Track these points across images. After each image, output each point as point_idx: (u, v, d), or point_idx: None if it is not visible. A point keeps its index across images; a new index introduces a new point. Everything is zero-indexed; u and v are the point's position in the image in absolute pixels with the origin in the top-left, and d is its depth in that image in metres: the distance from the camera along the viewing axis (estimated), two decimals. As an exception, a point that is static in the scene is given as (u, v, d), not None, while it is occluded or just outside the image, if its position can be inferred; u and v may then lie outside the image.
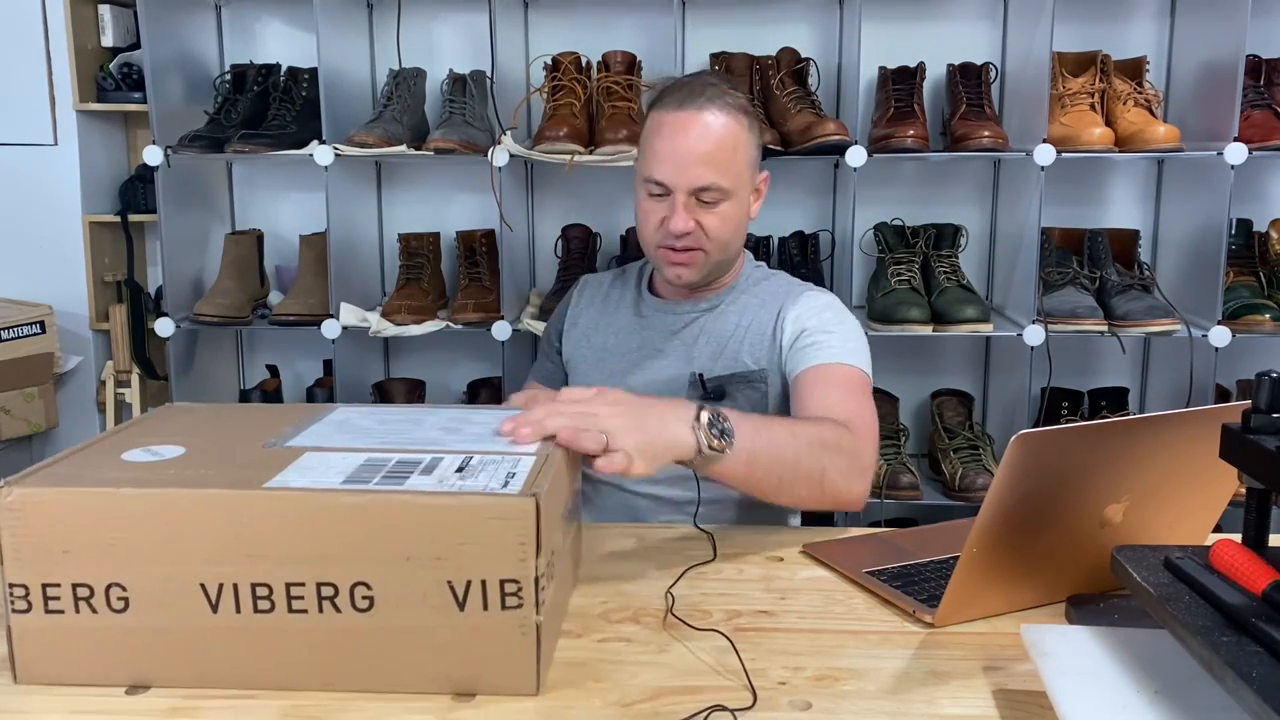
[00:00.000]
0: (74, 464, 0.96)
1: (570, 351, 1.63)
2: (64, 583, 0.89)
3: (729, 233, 1.48)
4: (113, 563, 0.88)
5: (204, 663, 0.90)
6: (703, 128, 1.43)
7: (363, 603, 0.88)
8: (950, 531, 1.30)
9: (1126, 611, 1.02)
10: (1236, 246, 2.42)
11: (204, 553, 0.88)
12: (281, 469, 0.94)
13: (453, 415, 1.15)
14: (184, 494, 0.89)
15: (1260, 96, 2.35)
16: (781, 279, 1.62)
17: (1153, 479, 1.03)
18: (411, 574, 0.88)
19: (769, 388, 1.50)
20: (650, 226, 1.49)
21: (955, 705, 0.89)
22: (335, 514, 0.88)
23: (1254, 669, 0.71)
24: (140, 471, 0.93)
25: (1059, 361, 2.44)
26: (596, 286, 1.69)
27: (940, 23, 2.59)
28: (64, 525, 0.88)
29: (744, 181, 1.49)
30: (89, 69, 2.63)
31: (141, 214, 2.67)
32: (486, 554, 0.87)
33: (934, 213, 2.60)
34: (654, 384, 1.53)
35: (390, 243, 2.70)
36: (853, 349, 1.47)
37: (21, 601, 0.89)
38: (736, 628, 1.03)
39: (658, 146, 1.46)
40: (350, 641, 0.89)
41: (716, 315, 1.55)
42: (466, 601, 0.88)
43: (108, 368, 2.69)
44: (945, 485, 2.43)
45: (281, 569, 0.88)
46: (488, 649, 0.89)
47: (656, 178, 1.45)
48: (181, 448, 1.00)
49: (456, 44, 2.66)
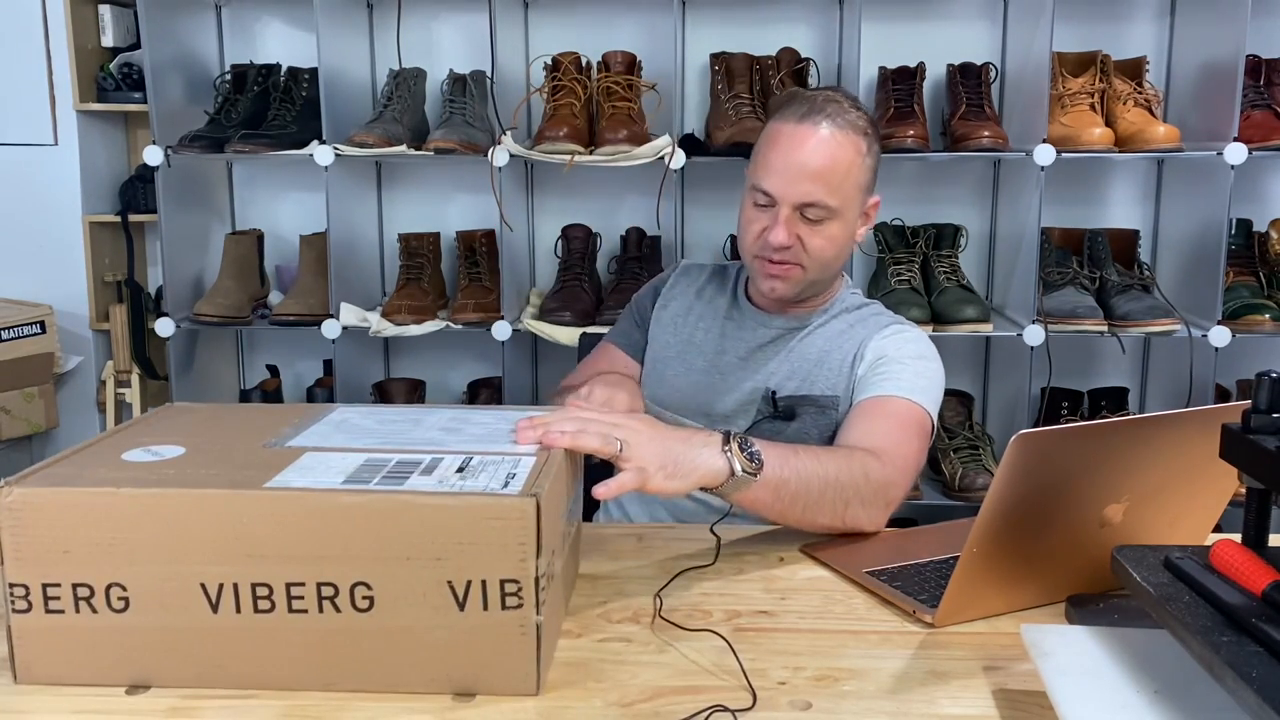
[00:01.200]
0: (74, 464, 0.96)
1: (656, 332, 1.61)
2: (64, 582, 0.88)
3: (830, 254, 1.46)
4: (113, 562, 0.88)
5: (204, 662, 0.90)
6: (817, 143, 1.41)
7: (363, 602, 0.88)
8: (950, 531, 1.30)
9: (1126, 611, 1.02)
10: (1236, 246, 2.43)
11: (204, 552, 0.88)
12: (282, 469, 0.94)
13: (452, 415, 1.15)
14: (184, 494, 0.89)
15: (1260, 96, 2.35)
16: (875, 309, 1.59)
17: (1153, 479, 1.03)
18: (412, 574, 0.88)
19: (839, 415, 1.47)
20: (750, 235, 1.47)
21: (955, 705, 0.89)
22: (336, 514, 0.87)
23: (1254, 669, 0.71)
24: (140, 471, 0.93)
25: (1059, 361, 2.45)
26: (697, 275, 1.65)
27: (940, 23, 2.59)
28: (64, 525, 0.88)
29: (852, 203, 1.46)
30: (89, 69, 2.63)
31: (142, 214, 2.67)
32: (487, 554, 0.87)
33: (934, 213, 2.60)
34: (730, 392, 1.51)
35: (390, 243, 2.70)
36: (923, 386, 1.44)
37: (22, 601, 0.89)
38: (736, 628, 1.03)
39: (770, 156, 1.44)
40: (350, 641, 0.89)
41: (805, 336, 1.53)
42: (466, 601, 0.88)
43: (108, 368, 2.69)
44: (945, 485, 2.43)
45: (282, 569, 0.88)
46: (488, 649, 0.89)
47: (764, 187, 1.43)
48: (181, 448, 1.00)
49: (456, 44, 2.66)
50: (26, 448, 2.63)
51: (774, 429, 1.47)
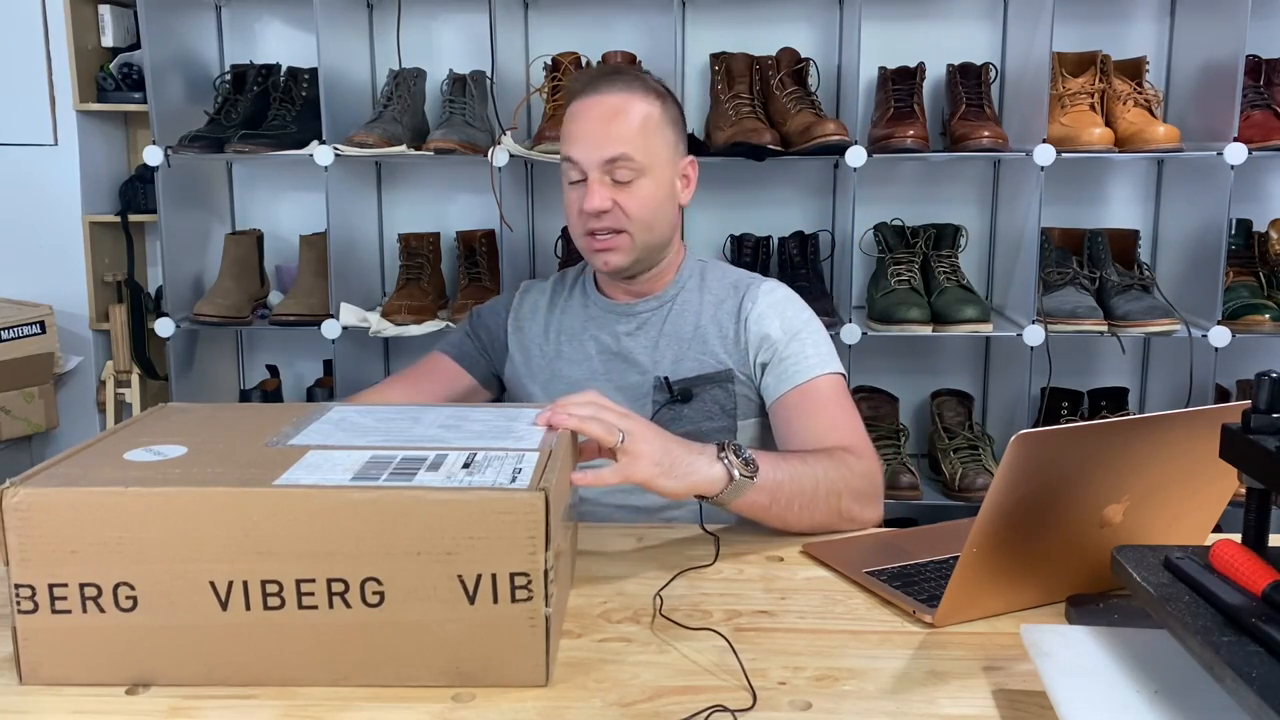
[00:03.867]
0: (77, 464, 0.96)
1: (519, 358, 1.59)
2: (71, 582, 0.88)
3: (649, 212, 1.46)
4: (121, 562, 0.88)
5: (212, 660, 0.90)
6: (610, 104, 1.45)
7: (373, 598, 0.89)
8: (950, 531, 1.30)
9: (1126, 611, 1.02)
10: (1236, 246, 2.43)
11: (213, 550, 0.88)
12: (288, 467, 0.94)
13: (450, 413, 1.16)
14: (194, 492, 0.89)
15: (1260, 96, 2.35)
16: (727, 269, 1.61)
17: (1153, 479, 1.03)
18: (422, 569, 0.89)
19: (736, 386, 1.49)
20: (573, 215, 1.48)
21: (955, 705, 0.89)
22: (347, 510, 0.88)
23: (1254, 669, 0.71)
24: (146, 471, 0.93)
25: (1059, 361, 2.45)
26: (539, 292, 1.65)
27: (940, 23, 2.59)
28: (71, 525, 0.88)
29: (660, 160, 1.47)
30: (89, 69, 2.63)
31: (141, 214, 2.67)
32: (497, 548, 0.88)
33: (934, 213, 2.60)
34: (619, 389, 1.50)
35: (390, 243, 2.70)
36: (825, 352, 1.48)
37: (28, 602, 0.89)
38: (737, 628, 1.03)
39: (571, 129, 1.47)
40: (360, 636, 0.90)
41: (671, 314, 1.53)
42: (477, 595, 0.89)
43: (108, 368, 2.69)
44: (945, 485, 2.43)
45: (292, 565, 0.88)
46: (498, 641, 0.90)
47: (570, 155, 1.46)
48: (183, 447, 1.00)
49: (456, 44, 2.66)
50: (26, 448, 2.63)
51: (674, 414, 1.49)
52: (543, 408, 1.12)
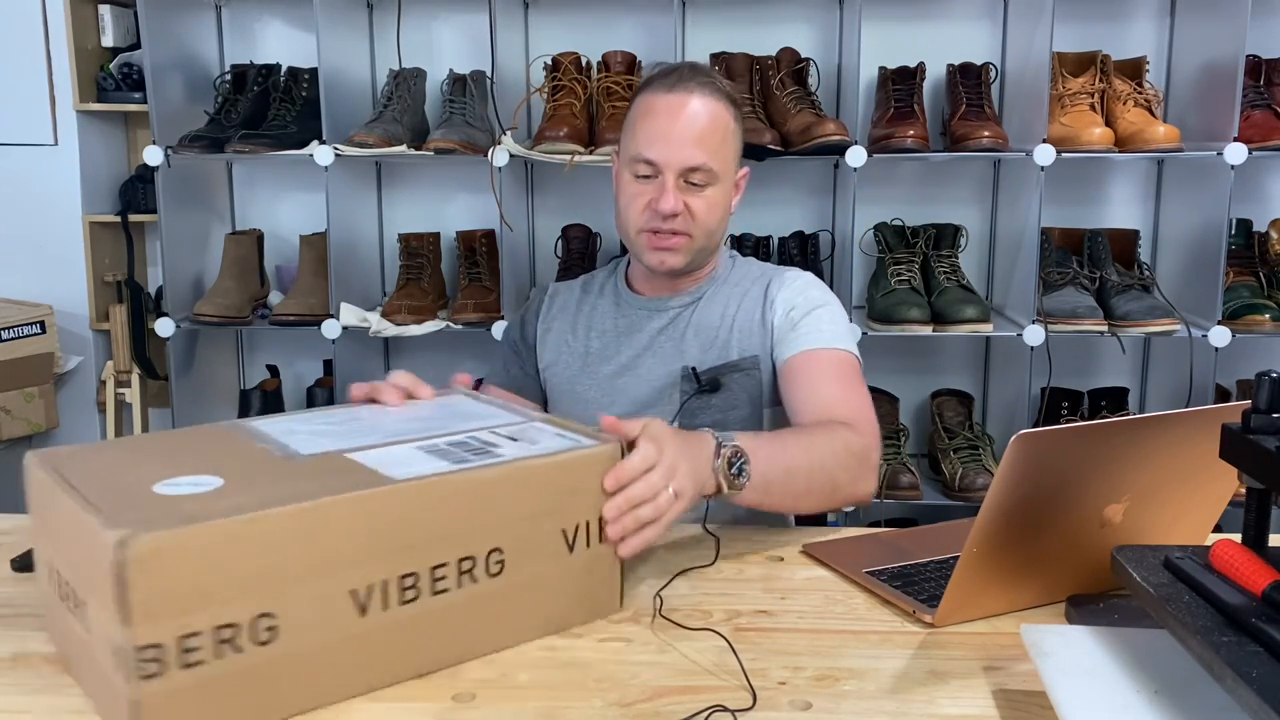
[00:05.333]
0: (155, 506, 0.83)
1: (550, 360, 1.60)
2: (205, 629, 0.79)
3: (714, 219, 1.48)
4: (260, 592, 0.81)
5: (346, 672, 0.88)
6: (695, 109, 1.44)
7: (495, 567, 0.95)
8: (950, 531, 1.30)
9: (1126, 611, 1.02)
10: (1236, 246, 2.43)
11: (351, 558, 0.86)
12: (359, 470, 0.91)
13: (400, 413, 1.13)
14: (331, 502, 0.85)
15: (1260, 96, 2.35)
16: (754, 263, 1.62)
17: (1153, 479, 1.03)
18: (534, 529, 0.97)
19: (762, 374, 1.50)
20: (635, 209, 1.47)
21: (955, 705, 0.89)
22: (469, 492, 0.93)
23: (1254, 669, 0.71)
24: (241, 497, 0.84)
25: (1059, 361, 2.45)
26: (568, 294, 1.65)
27: (940, 23, 2.59)
28: (206, 564, 0.79)
29: (729, 169, 1.49)
30: (89, 69, 2.63)
31: (141, 214, 2.67)
32: (588, 498, 1.00)
33: (934, 213, 2.60)
34: (648, 383, 1.52)
35: (390, 243, 2.70)
36: (842, 332, 1.48)
37: (152, 664, 0.77)
38: (736, 628, 1.03)
39: (648, 126, 1.46)
40: (481, 608, 0.95)
41: (701, 307, 1.54)
42: (575, 544, 1.00)
43: (108, 368, 2.69)
44: (945, 485, 2.43)
45: (427, 554, 0.91)
46: (590, 582, 1.02)
47: (647, 156, 1.44)
48: (217, 478, 0.89)
49: (456, 44, 2.66)
50: (26, 448, 2.62)
51: (701, 404, 1.49)
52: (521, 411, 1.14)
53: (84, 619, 0.83)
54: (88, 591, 0.81)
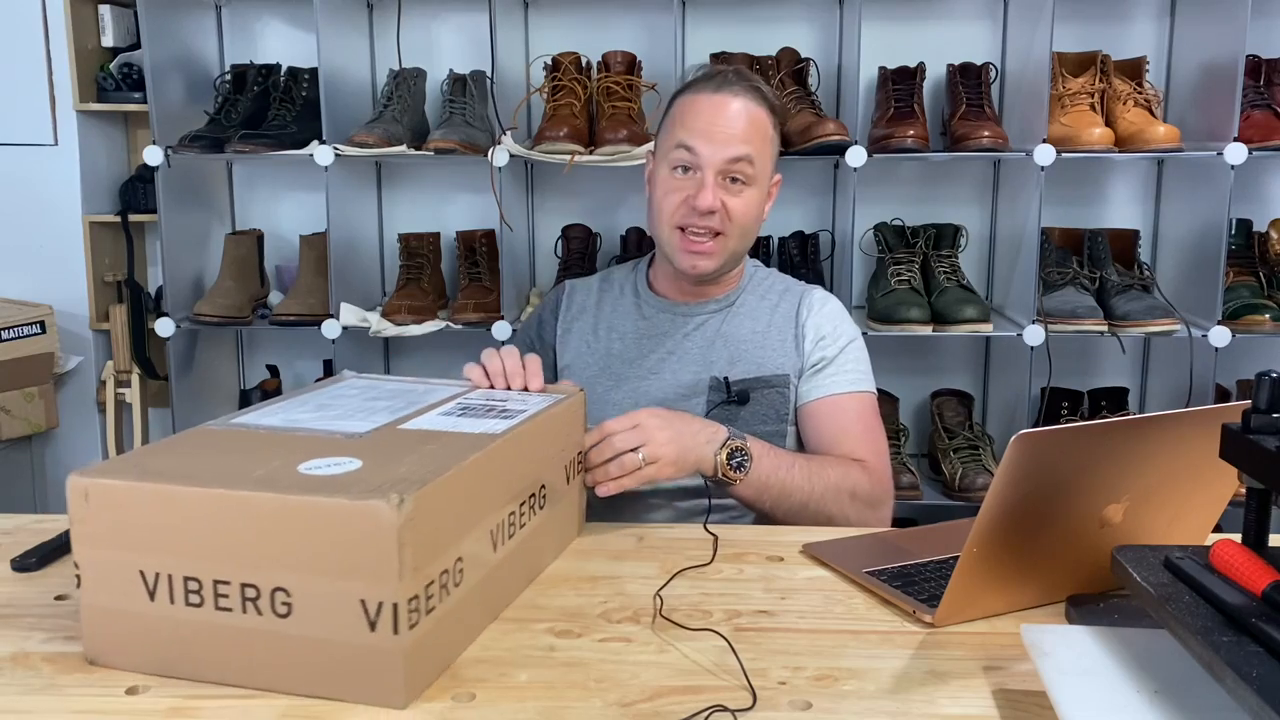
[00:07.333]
0: (351, 482, 0.89)
1: (570, 360, 1.59)
2: (434, 577, 0.89)
3: (749, 220, 1.49)
4: (456, 540, 0.93)
5: (488, 604, 1.02)
6: (740, 107, 1.47)
7: (541, 500, 1.13)
8: (950, 531, 1.29)
9: (1126, 611, 1.02)
10: (1236, 246, 2.43)
11: (490, 502, 1.00)
12: (449, 433, 1.04)
13: (354, 398, 1.21)
14: (495, 448, 1.01)
15: (1260, 96, 2.35)
16: (775, 274, 1.64)
17: (1153, 479, 1.03)
18: (555, 466, 1.18)
19: (791, 391, 1.52)
20: (671, 205, 1.47)
21: (955, 705, 0.89)
22: (532, 437, 1.10)
23: (1254, 669, 0.71)
24: (395, 468, 0.92)
25: (1059, 361, 2.45)
26: (585, 292, 1.65)
27: (940, 23, 2.59)
28: (438, 520, 0.89)
29: (766, 172, 1.50)
30: (89, 69, 2.63)
31: (141, 214, 2.67)
32: (572, 439, 1.23)
33: (934, 213, 2.60)
34: (672, 388, 1.52)
35: (390, 243, 2.70)
36: (865, 369, 1.54)
37: (414, 615, 0.86)
38: (736, 628, 1.03)
39: (692, 121, 1.47)
40: (543, 532, 1.13)
41: (728, 317, 1.55)
42: (571, 478, 1.23)
43: (108, 368, 2.69)
44: (945, 485, 2.43)
45: (522, 491, 1.07)
46: (571, 511, 1.24)
47: (691, 144, 1.45)
48: (356, 460, 0.94)
49: (456, 44, 2.66)
50: (26, 448, 2.63)
51: (728, 414, 1.49)
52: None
53: (271, 606, 0.86)
54: (285, 573, 0.85)
